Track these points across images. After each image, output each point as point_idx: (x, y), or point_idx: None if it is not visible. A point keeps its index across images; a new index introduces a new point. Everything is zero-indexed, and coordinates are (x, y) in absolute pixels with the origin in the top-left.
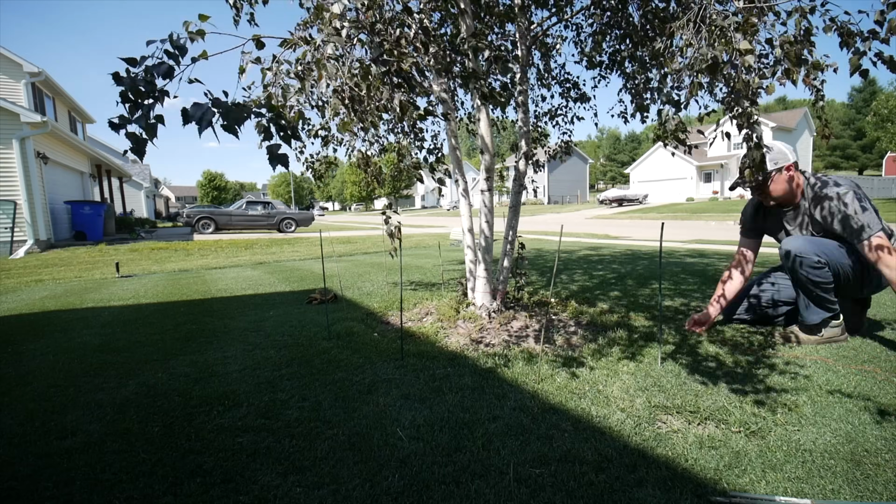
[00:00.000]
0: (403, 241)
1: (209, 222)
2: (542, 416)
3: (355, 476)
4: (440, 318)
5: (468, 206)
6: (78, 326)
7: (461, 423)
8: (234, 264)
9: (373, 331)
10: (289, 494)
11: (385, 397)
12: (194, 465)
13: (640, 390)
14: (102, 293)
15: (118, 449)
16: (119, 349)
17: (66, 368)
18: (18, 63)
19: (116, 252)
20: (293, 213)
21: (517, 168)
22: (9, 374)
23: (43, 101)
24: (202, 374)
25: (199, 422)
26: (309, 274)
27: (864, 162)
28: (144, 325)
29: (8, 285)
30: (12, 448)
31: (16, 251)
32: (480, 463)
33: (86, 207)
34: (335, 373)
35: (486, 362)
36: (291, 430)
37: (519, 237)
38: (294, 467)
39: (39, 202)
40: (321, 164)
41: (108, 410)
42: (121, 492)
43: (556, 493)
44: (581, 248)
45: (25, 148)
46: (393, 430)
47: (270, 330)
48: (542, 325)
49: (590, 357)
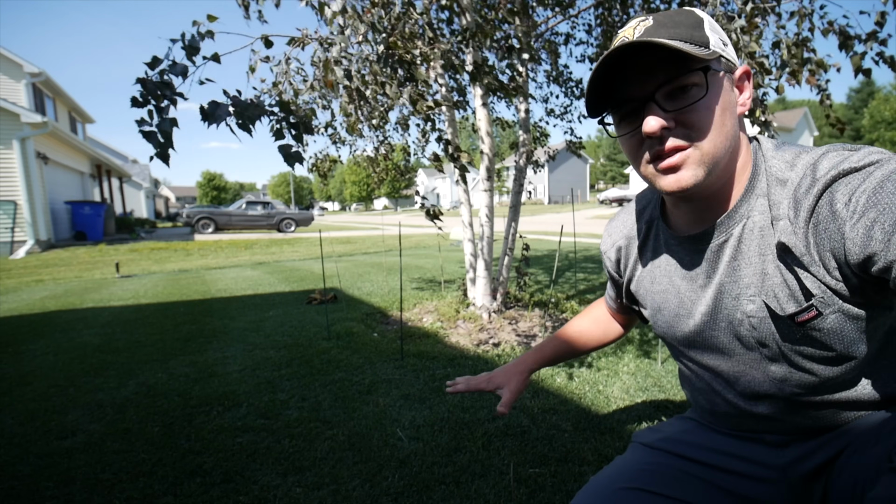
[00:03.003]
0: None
1: (209, 222)
2: (542, 416)
3: (355, 476)
4: (440, 317)
5: (468, 206)
6: (78, 326)
7: (461, 423)
8: (234, 264)
9: (372, 331)
10: (289, 494)
11: (385, 397)
12: (194, 465)
13: (641, 391)
14: (102, 293)
15: (118, 449)
16: (119, 349)
17: (66, 368)
18: (19, 63)
19: (116, 252)
20: (293, 213)
21: (517, 167)
22: (9, 374)
23: (43, 101)
24: (202, 375)
25: (199, 422)
26: (309, 274)
27: None
28: (144, 325)
29: (8, 285)
30: (12, 448)
31: (16, 251)
32: (480, 463)
33: (86, 208)
34: (335, 373)
35: (486, 362)
36: (291, 431)
37: (522, 237)
38: (294, 467)
39: (40, 202)
40: (324, 162)
41: (108, 410)
42: (121, 492)
43: (556, 493)
44: (582, 247)
45: (26, 148)
46: (393, 430)
47: (270, 330)
48: (543, 325)
49: (590, 357)
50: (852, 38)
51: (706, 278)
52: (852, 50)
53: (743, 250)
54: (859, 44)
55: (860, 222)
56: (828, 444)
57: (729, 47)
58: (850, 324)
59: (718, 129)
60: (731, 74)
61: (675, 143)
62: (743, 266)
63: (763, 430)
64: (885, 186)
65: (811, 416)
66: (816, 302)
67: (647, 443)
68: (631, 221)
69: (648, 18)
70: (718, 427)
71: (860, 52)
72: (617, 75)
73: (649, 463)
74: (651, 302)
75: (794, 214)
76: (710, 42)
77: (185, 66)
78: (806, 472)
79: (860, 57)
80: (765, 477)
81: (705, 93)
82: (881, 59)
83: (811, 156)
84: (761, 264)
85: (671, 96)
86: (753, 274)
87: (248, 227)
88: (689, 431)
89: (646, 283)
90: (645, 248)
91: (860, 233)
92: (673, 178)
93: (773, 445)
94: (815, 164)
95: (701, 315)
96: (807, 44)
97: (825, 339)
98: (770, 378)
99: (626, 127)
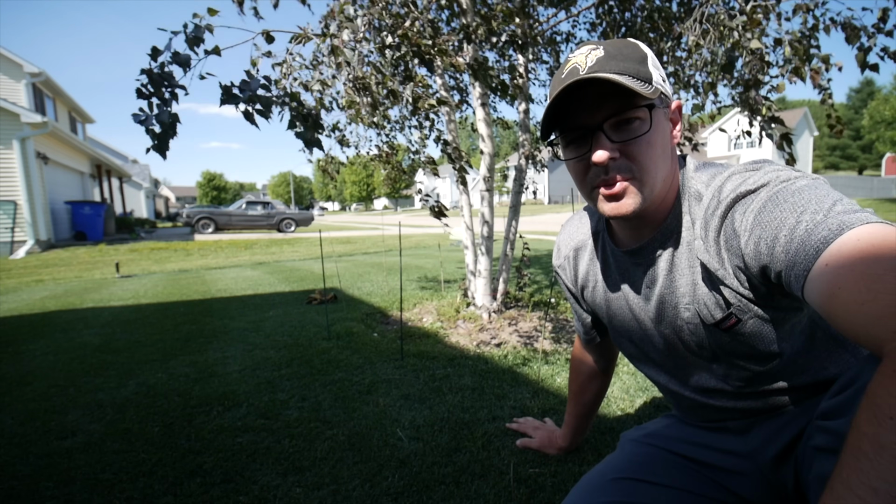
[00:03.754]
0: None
1: (209, 222)
2: (543, 416)
3: (355, 476)
4: (440, 317)
5: (468, 206)
6: (78, 326)
7: (461, 423)
8: (234, 264)
9: (372, 331)
10: (289, 494)
11: (385, 397)
12: (194, 465)
13: (641, 390)
14: (102, 293)
15: (118, 449)
16: (119, 349)
17: (66, 368)
18: (19, 63)
19: (116, 252)
20: (293, 213)
21: (517, 167)
22: (9, 374)
23: (43, 101)
24: (202, 375)
25: (199, 422)
26: (309, 274)
27: (863, 162)
28: (144, 325)
29: (8, 285)
30: (12, 448)
31: (16, 251)
32: (480, 463)
33: (86, 208)
34: (335, 373)
35: (486, 362)
36: (291, 431)
37: (522, 237)
38: (294, 467)
39: (40, 202)
40: (328, 163)
41: (108, 410)
42: (121, 492)
43: (556, 493)
44: None
45: (26, 148)
46: (393, 430)
47: (270, 330)
48: (543, 325)
49: None
50: (858, 29)
51: (647, 289)
52: (858, 41)
53: (676, 263)
54: (865, 38)
55: (750, 239)
56: (788, 425)
57: (666, 83)
58: (767, 326)
59: (658, 161)
60: (668, 109)
61: (619, 176)
62: (678, 277)
63: (725, 419)
64: (766, 206)
65: (760, 401)
66: (734, 310)
67: (634, 438)
68: (579, 233)
69: (599, 48)
70: (690, 420)
71: (866, 46)
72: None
73: (637, 454)
74: (607, 310)
75: (705, 234)
76: (653, 78)
77: (187, 56)
78: (772, 456)
79: (865, 52)
80: (740, 469)
81: (649, 128)
82: (886, 54)
83: (720, 178)
84: (691, 275)
85: (617, 127)
86: (686, 284)
87: (248, 227)
88: (670, 426)
89: (599, 292)
90: (594, 258)
91: (751, 248)
92: (614, 205)
93: (738, 432)
94: (720, 186)
95: (649, 321)
96: (812, 37)
97: (749, 342)
98: (714, 375)
99: (573, 151)
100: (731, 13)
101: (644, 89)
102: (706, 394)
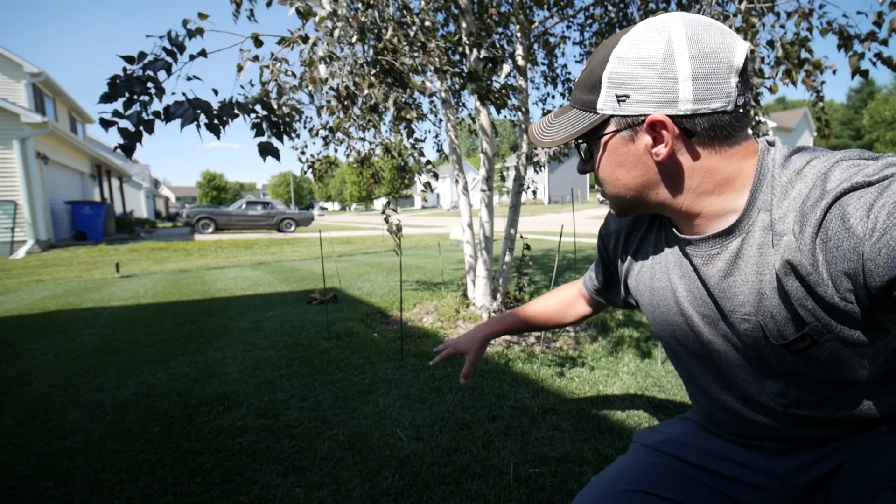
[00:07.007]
0: (403, 241)
1: (209, 222)
2: (542, 416)
3: (355, 476)
4: (440, 317)
5: (468, 206)
6: (78, 326)
7: (461, 423)
8: (234, 264)
9: (372, 331)
10: (289, 494)
11: (385, 397)
12: (194, 465)
13: (641, 391)
14: (102, 293)
15: (118, 449)
16: (119, 349)
17: (66, 368)
18: (19, 63)
19: (116, 252)
20: (293, 213)
21: (517, 168)
22: (9, 374)
23: (43, 101)
24: (202, 375)
25: (199, 422)
26: (309, 274)
27: None
28: (144, 325)
29: (8, 285)
30: (12, 448)
31: (16, 251)
32: (480, 463)
33: (86, 208)
34: (335, 373)
35: (486, 362)
36: (291, 431)
37: (522, 237)
38: (294, 467)
39: (40, 202)
40: (322, 164)
41: (108, 410)
42: (121, 492)
43: (556, 494)
44: (581, 247)
45: (26, 148)
46: (393, 430)
47: (270, 330)
48: None
49: (590, 357)
50: (852, 37)
51: (700, 286)
52: (851, 49)
53: (740, 266)
54: (858, 44)
55: (882, 241)
56: (830, 456)
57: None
58: (848, 350)
59: (612, 182)
60: (634, 128)
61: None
62: (739, 283)
63: (762, 438)
64: None
65: (811, 429)
66: (810, 330)
67: (649, 444)
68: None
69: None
70: (718, 431)
71: (859, 52)
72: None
73: (651, 465)
74: (649, 298)
75: (800, 229)
76: (598, 104)
77: (167, 62)
78: (807, 483)
79: (858, 57)
80: (766, 486)
81: (590, 158)
82: (880, 59)
83: (823, 164)
84: (758, 284)
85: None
86: (749, 293)
87: (248, 227)
88: (690, 433)
89: (645, 279)
90: (646, 241)
91: (884, 253)
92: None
93: (773, 453)
94: (826, 173)
95: (699, 319)
96: (805, 43)
97: (821, 366)
98: (767, 391)
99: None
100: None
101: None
102: (751, 407)
